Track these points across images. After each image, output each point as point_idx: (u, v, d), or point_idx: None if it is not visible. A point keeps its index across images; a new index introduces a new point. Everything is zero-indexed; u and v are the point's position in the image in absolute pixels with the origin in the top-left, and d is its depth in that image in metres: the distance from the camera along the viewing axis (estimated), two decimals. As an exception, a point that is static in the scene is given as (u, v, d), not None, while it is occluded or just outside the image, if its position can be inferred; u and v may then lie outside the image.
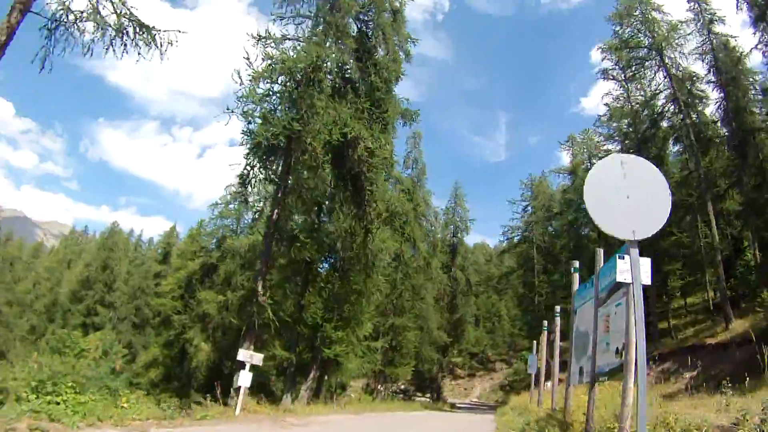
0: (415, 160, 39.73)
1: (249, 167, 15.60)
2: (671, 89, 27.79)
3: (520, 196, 50.75)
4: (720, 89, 26.89)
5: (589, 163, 41.10)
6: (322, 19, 16.41)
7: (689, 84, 27.89)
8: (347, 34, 16.58)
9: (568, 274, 37.83)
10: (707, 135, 27.98)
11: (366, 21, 17.89)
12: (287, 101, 14.97)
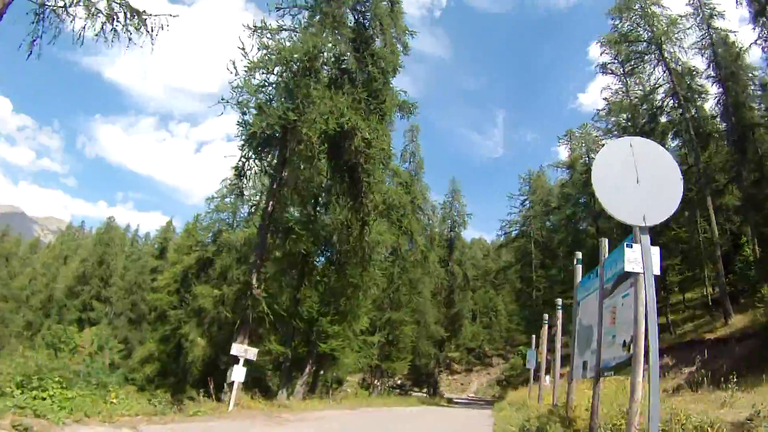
0: (413, 153, 39.48)
1: (244, 159, 15.42)
2: (670, 84, 27.59)
3: (518, 190, 50.61)
4: (719, 84, 26.76)
5: (588, 158, 40.98)
6: (318, 10, 16.17)
7: (689, 79, 27.75)
8: (344, 24, 16.38)
9: (566, 269, 37.87)
10: (706, 130, 27.89)
11: (363, 12, 17.63)
12: (283, 92, 14.73)
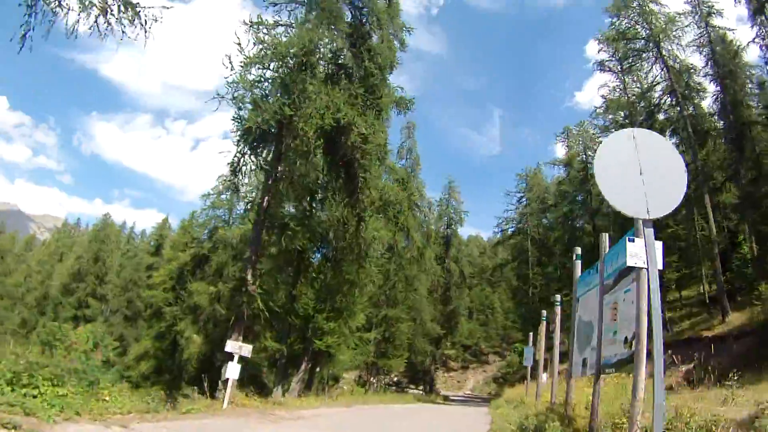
0: (410, 150, 39.35)
1: (239, 155, 15.25)
2: (668, 81, 27.57)
3: (515, 187, 50.52)
4: (717, 82, 26.78)
5: (585, 155, 40.96)
6: (315, 5, 16.01)
7: (686, 76, 27.74)
8: (341, 19, 16.24)
9: (562, 266, 37.78)
10: (704, 127, 27.85)
11: (360, 8, 17.46)
12: (279, 87, 14.59)
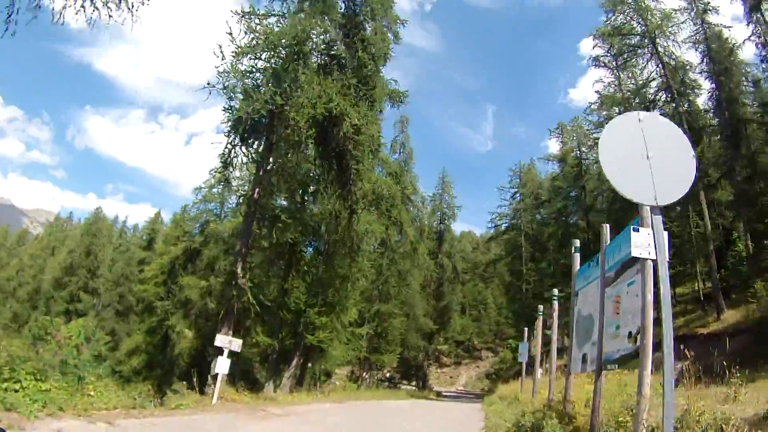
0: (403, 144, 38.95)
1: (230, 146, 14.98)
2: (664, 78, 27.38)
3: (508, 183, 50.31)
4: (712, 79, 26.64)
5: (579, 151, 40.88)
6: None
7: (682, 73, 27.55)
8: (334, 9, 16.01)
9: (556, 262, 37.62)
10: (699, 125, 27.70)
11: (353, -1, 17.20)
12: (271, 77, 14.32)
